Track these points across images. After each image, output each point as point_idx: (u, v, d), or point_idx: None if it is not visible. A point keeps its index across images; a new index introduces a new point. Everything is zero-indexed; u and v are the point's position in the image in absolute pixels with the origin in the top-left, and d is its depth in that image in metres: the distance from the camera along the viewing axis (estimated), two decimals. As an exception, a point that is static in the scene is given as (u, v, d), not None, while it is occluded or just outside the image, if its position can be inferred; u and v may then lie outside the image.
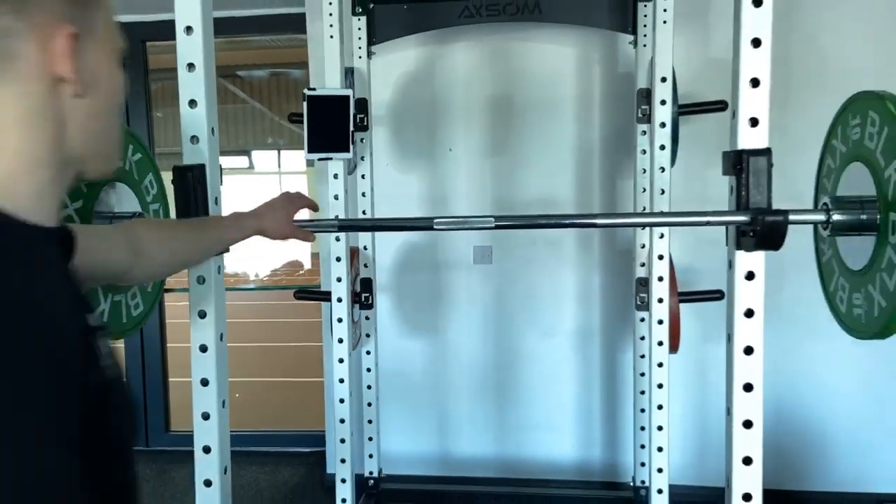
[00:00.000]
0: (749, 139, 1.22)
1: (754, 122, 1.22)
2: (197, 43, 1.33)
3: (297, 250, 9.81)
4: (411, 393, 3.11)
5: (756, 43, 1.21)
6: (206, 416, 1.42)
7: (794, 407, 2.94)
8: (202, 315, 1.40)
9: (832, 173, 1.27)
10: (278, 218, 1.34)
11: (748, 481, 1.29)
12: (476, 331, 3.08)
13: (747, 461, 1.28)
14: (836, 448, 2.92)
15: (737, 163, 1.21)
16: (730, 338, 1.30)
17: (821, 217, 1.19)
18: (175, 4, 1.32)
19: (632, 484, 2.78)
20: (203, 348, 1.41)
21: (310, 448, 3.54)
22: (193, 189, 1.34)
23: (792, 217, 1.16)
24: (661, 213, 2.28)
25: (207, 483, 1.43)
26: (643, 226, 2.38)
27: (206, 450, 1.43)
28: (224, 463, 1.45)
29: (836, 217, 1.17)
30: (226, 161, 1.55)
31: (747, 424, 1.29)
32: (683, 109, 2.44)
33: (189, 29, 1.33)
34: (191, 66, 1.34)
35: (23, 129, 0.64)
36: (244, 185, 9.73)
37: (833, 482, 2.90)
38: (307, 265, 9.86)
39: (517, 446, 3.09)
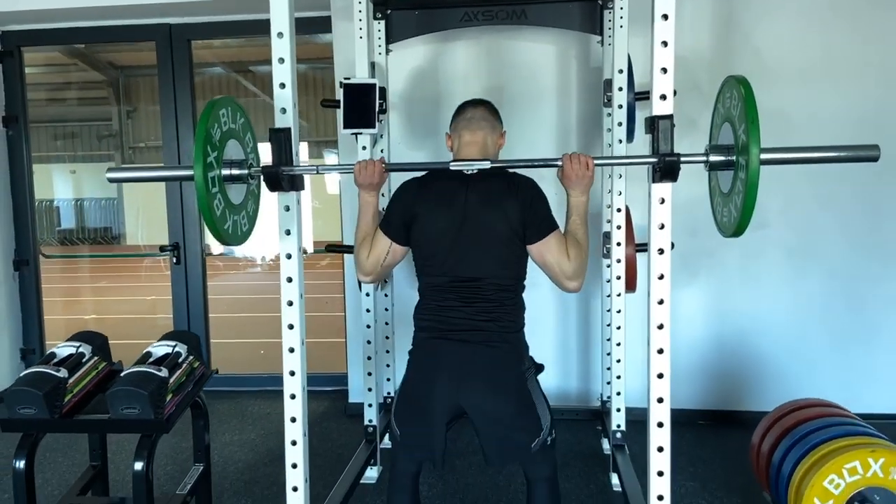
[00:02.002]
0: (660, 108, 1.83)
1: (664, 97, 1.83)
2: (286, 44, 1.93)
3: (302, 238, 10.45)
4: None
5: (664, 44, 1.82)
6: (290, 303, 2.03)
7: (735, 341, 3.58)
8: (288, 233, 2.01)
9: (715, 129, 1.89)
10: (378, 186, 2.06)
11: (660, 340, 1.91)
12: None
13: (661, 326, 1.91)
14: (768, 374, 3.55)
15: (651, 124, 1.83)
16: (650, 244, 1.93)
17: (703, 158, 1.80)
18: (271, 18, 1.92)
19: (599, 399, 3.41)
20: (288, 256, 2.02)
21: (331, 387, 4.15)
22: (284, 143, 1.94)
23: (684, 158, 1.78)
24: (607, 157, 3.03)
25: (291, 350, 2.05)
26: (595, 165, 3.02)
27: (290, 327, 2.03)
28: (302, 336, 2.05)
29: (712, 158, 1.79)
30: None
31: (660, 302, 1.91)
32: (639, 96, 3.05)
33: (280, 34, 1.93)
34: (281, 59, 1.95)
35: (498, 152, 2.13)
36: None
37: (765, 402, 3.51)
38: (310, 250, 10.49)
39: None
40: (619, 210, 2.86)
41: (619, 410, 2.98)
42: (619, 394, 2.97)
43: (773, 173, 3.43)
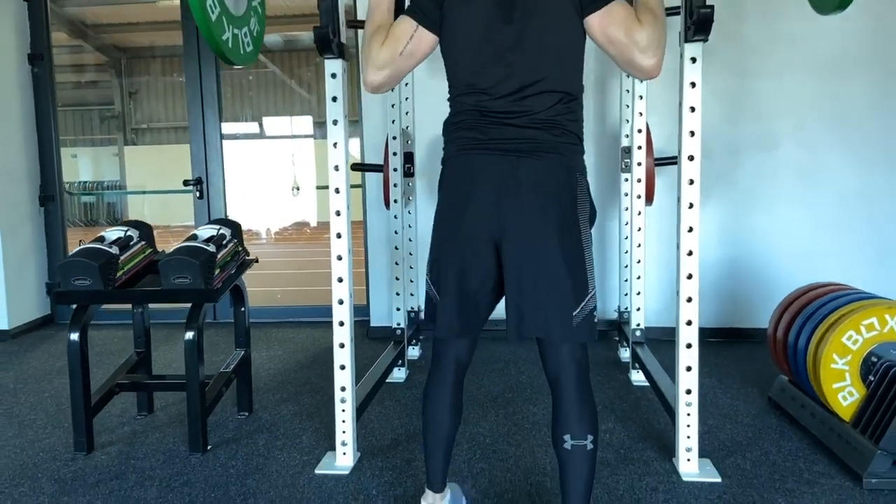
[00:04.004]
0: (692, -31, 1.94)
1: (697, -42, 1.95)
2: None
3: (306, 212, 10.61)
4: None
5: None
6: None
7: (747, 262, 3.71)
8: (335, 99, 2.12)
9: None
10: None
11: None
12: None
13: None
14: (779, 293, 3.65)
15: (685, -18, 1.94)
16: (681, 104, 2.04)
17: None
18: None
19: (617, 311, 3.54)
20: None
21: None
22: (332, 8, 2.04)
23: None
24: None
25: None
26: None
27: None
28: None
29: None
30: (237, 127, 2.17)
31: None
32: (670, 11, 3.16)
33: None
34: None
35: None
36: (255, 149, 10.40)
37: (776, 318, 3.65)
38: (313, 223, 10.65)
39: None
40: (640, 114, 2.98)
41: (638, 310, 3.10)
42: (638, 294, 3.09)
43: (784, 93, 3.56)
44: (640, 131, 2.98)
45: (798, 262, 3.66)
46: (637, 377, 3.01)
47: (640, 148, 2.99)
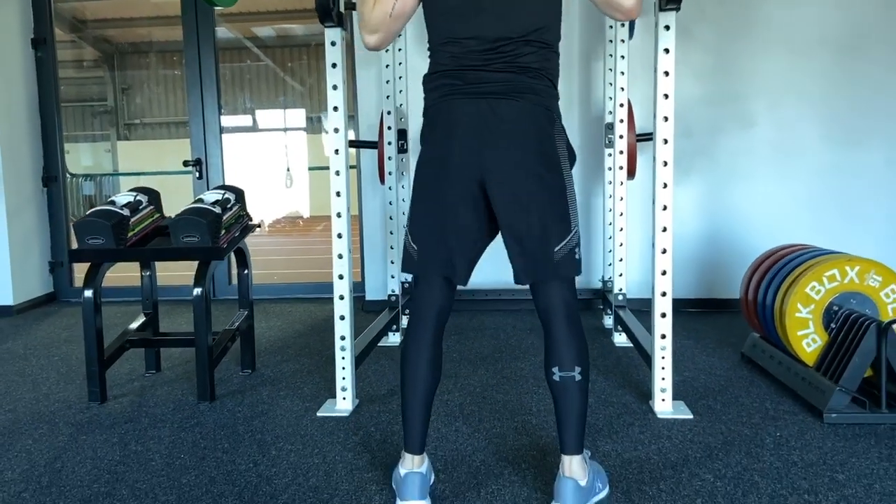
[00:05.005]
0: (664, -54, 2.11)
1: (667, -64, 2.12)
2: None
3: (298, 204, 10.77)
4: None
5: None
6: (339, 215, 2.30)
7: (725, 234, 3.88)
8: (334, 66, 2.28)
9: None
10: None
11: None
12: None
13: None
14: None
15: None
16: (655, 70, 2.21)
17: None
18: None
19: (601, 281, 3.70)
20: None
21: (347, 292, 4.40)
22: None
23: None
24: None
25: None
26: None
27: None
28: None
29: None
30: (231, 120, 2.33)
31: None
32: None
33: None
34: None
35: None
36: (248, 142, 10.54)
37: (753, 289, 3.82)
38: (306, 215, 10.84)
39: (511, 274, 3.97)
40: (622, 89, 3.15)
41: (621, 275, 3.27)
42: (620, 260, 3.26)
43: (761, 74, 3.74)
44: (622, 106, 3.14)
45: (774, 233, 3.82)
46: (620, 339, 3.18)
47: (622, 121, 3.16)
